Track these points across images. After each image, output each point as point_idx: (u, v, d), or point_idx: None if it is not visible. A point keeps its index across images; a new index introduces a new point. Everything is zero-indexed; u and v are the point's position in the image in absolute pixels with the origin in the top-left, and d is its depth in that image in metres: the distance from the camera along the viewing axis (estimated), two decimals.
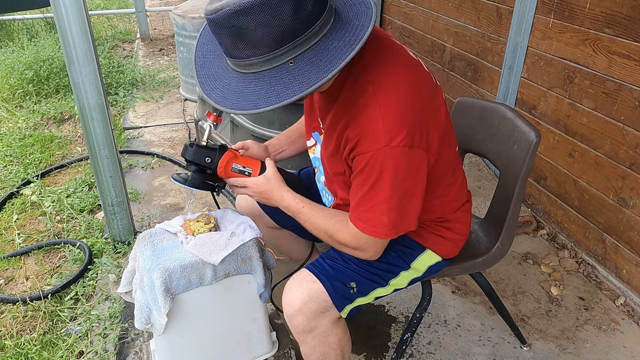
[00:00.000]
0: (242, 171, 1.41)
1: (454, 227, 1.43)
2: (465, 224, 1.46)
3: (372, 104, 1.13)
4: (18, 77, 4.09)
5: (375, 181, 1.14)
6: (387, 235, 1.20)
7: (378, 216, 1.18)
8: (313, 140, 1.44)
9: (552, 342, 1.92)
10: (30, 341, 1.90)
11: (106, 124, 2.12)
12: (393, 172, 1.13)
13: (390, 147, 1.11)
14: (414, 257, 1.42)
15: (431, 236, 1.42)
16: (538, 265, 2.32)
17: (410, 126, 1.12)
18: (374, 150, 1.12)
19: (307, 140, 1.47)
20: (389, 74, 1.16)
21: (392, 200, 1.16)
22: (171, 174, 1.45)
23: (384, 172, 1.13)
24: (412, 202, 1.20)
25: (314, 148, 1.44)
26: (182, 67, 4.01)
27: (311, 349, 1.37)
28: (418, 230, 1.40)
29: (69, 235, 2.50)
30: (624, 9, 1.95)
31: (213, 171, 1.39)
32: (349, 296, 1.34)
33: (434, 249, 1.43)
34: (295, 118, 2.33)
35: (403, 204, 1.18)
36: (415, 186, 1.18)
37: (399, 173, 1.13)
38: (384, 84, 1.14)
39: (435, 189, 1.30)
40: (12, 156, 3.21)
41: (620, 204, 2.10)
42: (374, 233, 1.20)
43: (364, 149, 1.14)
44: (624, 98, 2.01)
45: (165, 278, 1.36)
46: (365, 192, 1.17)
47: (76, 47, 1.94)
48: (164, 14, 6.85)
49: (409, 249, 1.42)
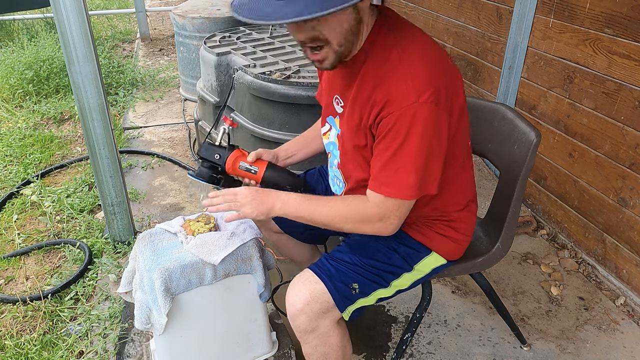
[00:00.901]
0: (249, 169, 1.48)
1: (458, 227, 1.44)
2: (469, 225, 1.47)
3: (398, 67, 1.17)
4: (18, 77, 4.08)
5: (403, 140, 1.16)
6: (412, 196, 1.21)
7: (405, 177, 1.19)
8: (328, 125, 1.45)
9: (552, 342, 1.92)
10: (30, 341, 1.90)
11: (106, 124, 2.12)
12: (422, 128, 1.15)
13: (419, 103, 1.14)
14: (419, 259, 1.43)
15: (436, 236, 1.42)
16: (538, 265, 2.32)
17: (436, 86, 1.15)
18: (403, 107, 1.14)
19: (322, 127, 1.49)
20: (412, 42, 1.20)
21: (419, 159, 1.17)
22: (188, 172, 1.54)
23: (412, 128, 1.15)
24: (436, 163, 1.21)
25: (329, 133, 1.45)
26: (182, 67, 4.01)
27: (312, 349, 1.37)
28: (423, 230, 1.41)
29: (69, 235, 2.50)
30: (624, 9, 1.95)
31: (222, 168, 1.48)
32: (351, 297, 1.34)
33: (438, 250, 1.44)
34: (295, 118, 2.35)
35: (428, 164, 1.19)
36: (439, 147, 1.20)
37: (427, 129, 1.15)
38: (408, 49, 1.18)
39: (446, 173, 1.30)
40: (12, 156, 3.21)
41: (620, 204, 2.10)
42: (400, 195, 1.20)
43: (392, 109, 1.16)
44: (624, 98, 2.01)
45: (165, 278, 1.36)
46: (392, 154, 1.18)
47: (76, 47, 1.95)
48: (164, 14, 6.85)
49: (414, 250, 1.42)
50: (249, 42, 2.86)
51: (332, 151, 1.46)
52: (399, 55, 1.18)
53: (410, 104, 1.14)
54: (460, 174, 1.39)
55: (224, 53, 2.70)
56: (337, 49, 1.18)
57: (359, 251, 1.38)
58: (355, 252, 1.38)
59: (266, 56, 2.62)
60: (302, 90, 2.26)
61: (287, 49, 2.74)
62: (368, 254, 1.38)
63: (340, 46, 1.18)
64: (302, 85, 2.27)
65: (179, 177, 3.03)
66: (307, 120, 2.24)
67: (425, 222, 1.42)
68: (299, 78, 2.32)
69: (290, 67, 2.45)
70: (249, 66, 2.47)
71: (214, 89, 2.80)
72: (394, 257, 1.39)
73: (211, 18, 3.66)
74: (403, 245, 1.41)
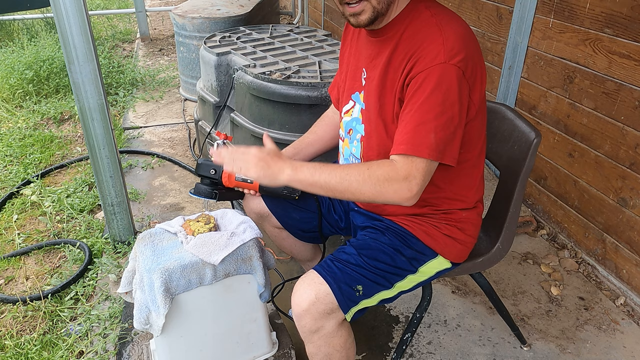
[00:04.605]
0: (244, 179, 1.53)
1: (465, 228, 1.44)
2: (475, 226, 1.48)
3: (434, 31, 1.22)
4: (18, 77, 4.08)
5: (427, 96, 1.19)
6: (430, 156, 1.20)
7: (425, 134, 1.19)
8: (351, 102, 1.46)
9: (552, 342, 1.92)
10: (30, 341, 1.90)
11: (106, 124, 2.12)
12: (446, 87, 1.18)
13: (449, 64, 1.18)
14: (424, 262, 1.43)
15: (443, 238, 1.43)
16: (538, 265, 2.32)
17: (467, 55, 1.20)
18: (432, 66, 1.18)
19: (345, 105, 1.50)
20: (452, 17, 1.26)
21: (441, 118, 1.19)
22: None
23: (438, 86, 1.18)
24: (455, 132, 1.22)
25: (352, 110, 1.46)
26: (182, 67, 4.01)
27: (316, 349, 1.37)
28: (429, 230, 1.42)
29: (69, 235, 2.50)
30: (624, 9, 1.95)
31: (219, 182, 1.52)
32: (355, 298, 1.34)
33: (444, 253, 1.44)
34: (295, 118, 2.35)
35: (447, 129, 1.20)
36: (459, 115, 1.22)
37: (451, 91, 1.18)
38: (445, 17, 1.25)
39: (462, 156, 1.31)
40: (12, 156, 3.21)
41: (620, 204, 2.10)
42: (420, 152, 1.20)
43: (422, 66, 1.19)
44: (624, 98, 2.01)
45: (165, 278, 1.36)
46: (416, 110, 1.20)
47: (76, 47, 1.95)
48: (164, 14, 6.85)
49: (421, 254, 1.42)
50: (249, 42, 2.86)
51: (354, 127, 1.46)
52: (437, 23, 1.23)
53: (439, 64, 1.18)
54: (473, 168, 1.39)
55: (224, 53, 2.70)
56: (375, 5, 1.23)
57: (363, 252, 1.38)
58: (360, 253, 1.38)
59: (266, 56, 2.62)
60: (302, 90, 2.26)
61: (287, 49, 2.74)
62: (373, 254, 1.38)
63: (379, 3, 1.23)
64: (302, 85, 2.27)
65: (179, 177, 3.03)
66: (307, 120, 2.24)
67: (433, 220, 1.42)
68: (299, 78, 2.32)
69: (290, 67, 2.45)
70: (249, 66, 2.47)
71: (214, 89, 2.80)
72: (399, 258, 1.39)
73: (211, 18, 3.66)
74: (409, 248, 1.41)
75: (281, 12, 6.23)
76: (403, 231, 1.42)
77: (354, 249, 1.39)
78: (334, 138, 1.66)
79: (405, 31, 1.27)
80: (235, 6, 3.97)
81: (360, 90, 1.40)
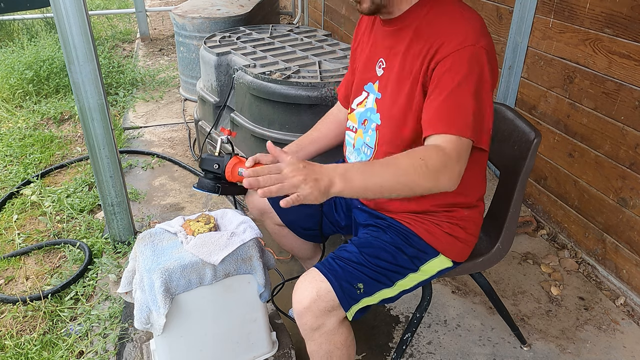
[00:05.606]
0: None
1: (467, 227, 1.44)
2: (477, 225, 1.48)
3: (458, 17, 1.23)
4: (18, 77, 4.09)
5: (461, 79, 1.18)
6: (472, 136, 1.19)
7: (465, 116, 1.18)
8: (365, 93, 1.46)
9: (552, 342, 1.92)
10: (30, 341, 1.90)
11: (106, 124, 2.12)
12: (479, 69, 1.18)
13: (477, 46, 1.18)
14: (425, 260, 1.43)
15: (444, 236, 1.43)
16: (538, 265, 2.32)
17: (490, 41, 1.22)
18: (462, 48, 1.18)
19: (357, 97, 1.49)
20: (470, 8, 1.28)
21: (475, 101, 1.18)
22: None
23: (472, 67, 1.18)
24: (487, 114, 1.22)
25: (365, 101, 1.46)
26: (182, 67, 4.01)
27: (317, 347, 1.37)
28: (431, 228, 1.42)
29: (69, 235, 2.50)
30: (624, 9, 1.95)
31: (222, 176, 1.51)
32: (356, 297, 1.34)
33: (445, 252, 1.44)
34: (295, 118, 2.35)
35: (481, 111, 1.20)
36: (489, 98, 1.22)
37: (483, 73, 1.19)
38: (465, 6, 1.27)
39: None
40: (12, 156, 3.21)
41: (620, 204, 2.10)
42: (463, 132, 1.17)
43: (450, 49, 1.19)
44: (624, 98, 2.01)
45: (166, 278, 1.36)
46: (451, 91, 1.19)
47: (76, 47, 1.95)
48: (164, 14, 6.85)
49: (422, 252, 1.42)
50: (249, 42, 2.86)
51: (369, 117, 1.45)
52: (460, 12, 1.25)
53: (469, 45, 1.18)
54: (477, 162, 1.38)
55: (224, 53, 2.70)
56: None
57: (365, 250, 1.38)
58: (362, 251, 1.38)
59: (266, 56, 2.62)
60: (302, 90, 2.27)
61: (287, 49, 2.74)
62: (374, 252, 1.38)
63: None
64: (302, 85, 2.27)
65: (179, 177, 3.03)
66: (307, 121, 2.24)
67: (434, 218, 1.42)
68: (299, 78, 2.32)
69: (290, 67, 2.45)
70: (249, 66, 2.47)
71: (214, 89, 2.80)
72: (401, 257, 1.39)
73: (211, 18, 3.66)
74: (410, 246, 1.41)
75: (281, 12, 6.23)
76: (405, 229, 1.42)
77: (355, 247, 1.39)
78: (338, 136, 1.66)
79: (424, 18, 1.28)
80: (235, 6, 3.97)
81: (375, 81, 1.41)
